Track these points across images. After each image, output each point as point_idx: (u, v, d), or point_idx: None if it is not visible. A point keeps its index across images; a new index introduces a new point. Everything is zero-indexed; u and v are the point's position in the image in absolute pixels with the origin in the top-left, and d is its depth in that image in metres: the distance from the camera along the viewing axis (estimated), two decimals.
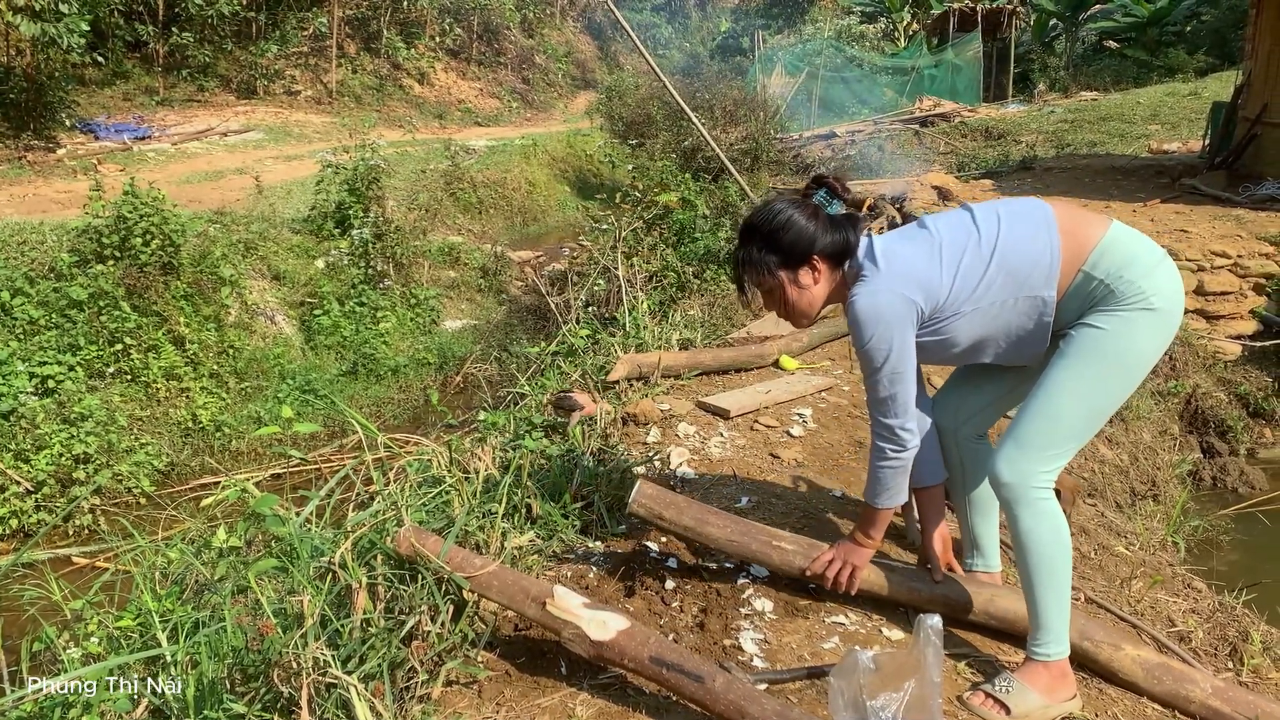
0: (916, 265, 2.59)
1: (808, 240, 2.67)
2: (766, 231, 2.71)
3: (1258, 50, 11.80)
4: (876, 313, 2.55)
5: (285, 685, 2.46)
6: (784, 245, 2.69)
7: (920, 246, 2.62)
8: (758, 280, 2.75)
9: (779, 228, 2.68)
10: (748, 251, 2.75)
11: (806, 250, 2.67)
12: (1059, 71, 26.52)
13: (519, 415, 4.96)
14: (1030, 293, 2.54)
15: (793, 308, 2.77)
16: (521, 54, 34.49)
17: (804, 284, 2.72)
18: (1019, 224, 2.59)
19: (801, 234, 2.67)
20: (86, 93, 19.36)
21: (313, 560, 3.05)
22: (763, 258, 2.71)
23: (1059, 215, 2.58)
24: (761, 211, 2.75)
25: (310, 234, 12.91)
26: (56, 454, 7.93)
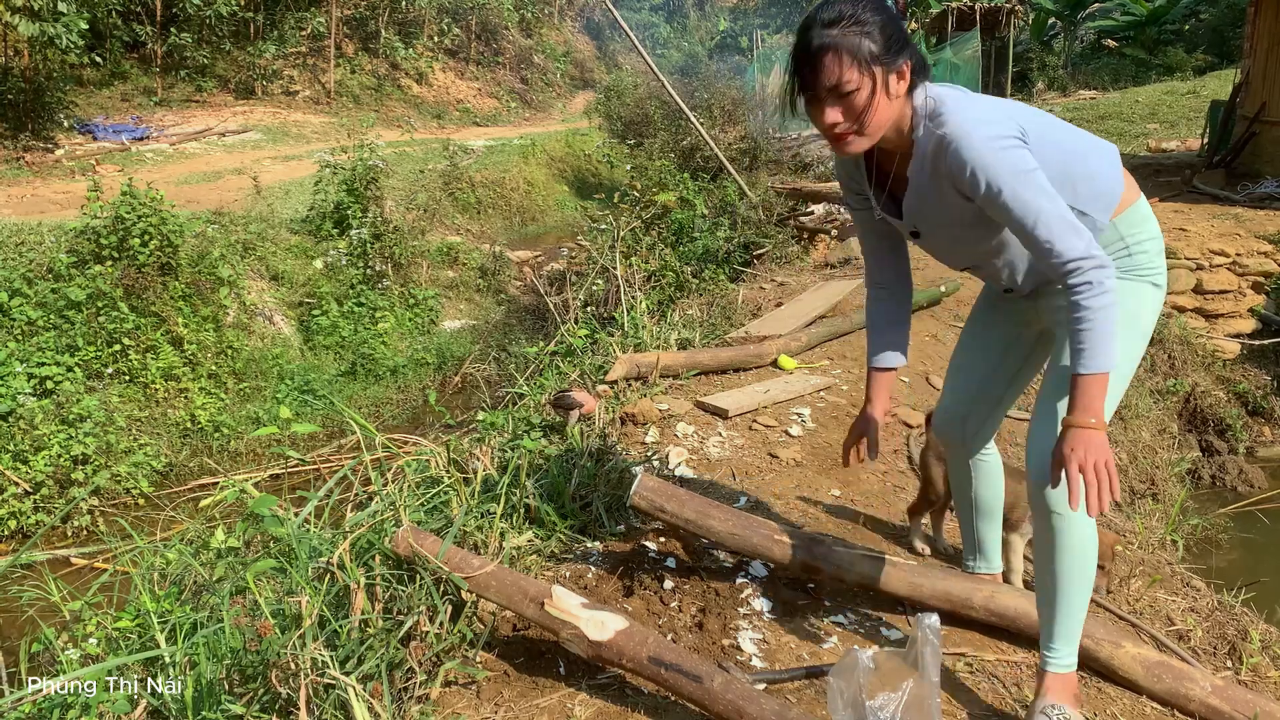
0: (998, 109, 2.22)
1: (905, 36, 2.13)
2: (873, 6, 2.08)
3: (1256, 49, 11.80)
4: (991, 134, 2.10)
5: (284, 686, 2.46)
6: (889, 33, 2.09)
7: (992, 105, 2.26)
8: (845, 74, 2.07)
9: (882, 7, 2.10)
10: (845, 30, 2.06)
11: (902, 47, 2.12)
12: (1058, 70, 26.51)
13: (517, 415, 4.96)
14: (1084, 208, 2.29)
15: (869, 119, 2.13)
16: (520, 54, 34.50)
17: (893, 92, 2.14)
18: (1095, 145, 2.39)
19: (900, 26, 2.11)
20: (84, 93, 19.36)
21: (311, 561, 3.05)
22: (862, 42, 2.06)
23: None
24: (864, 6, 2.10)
25: (308, 234, 12.91)
26: (55, 455, 7.92)
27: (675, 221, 10.41)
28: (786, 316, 6.73)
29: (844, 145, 2.16)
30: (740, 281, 9.03)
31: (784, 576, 3.22)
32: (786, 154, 18.22)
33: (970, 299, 7.38)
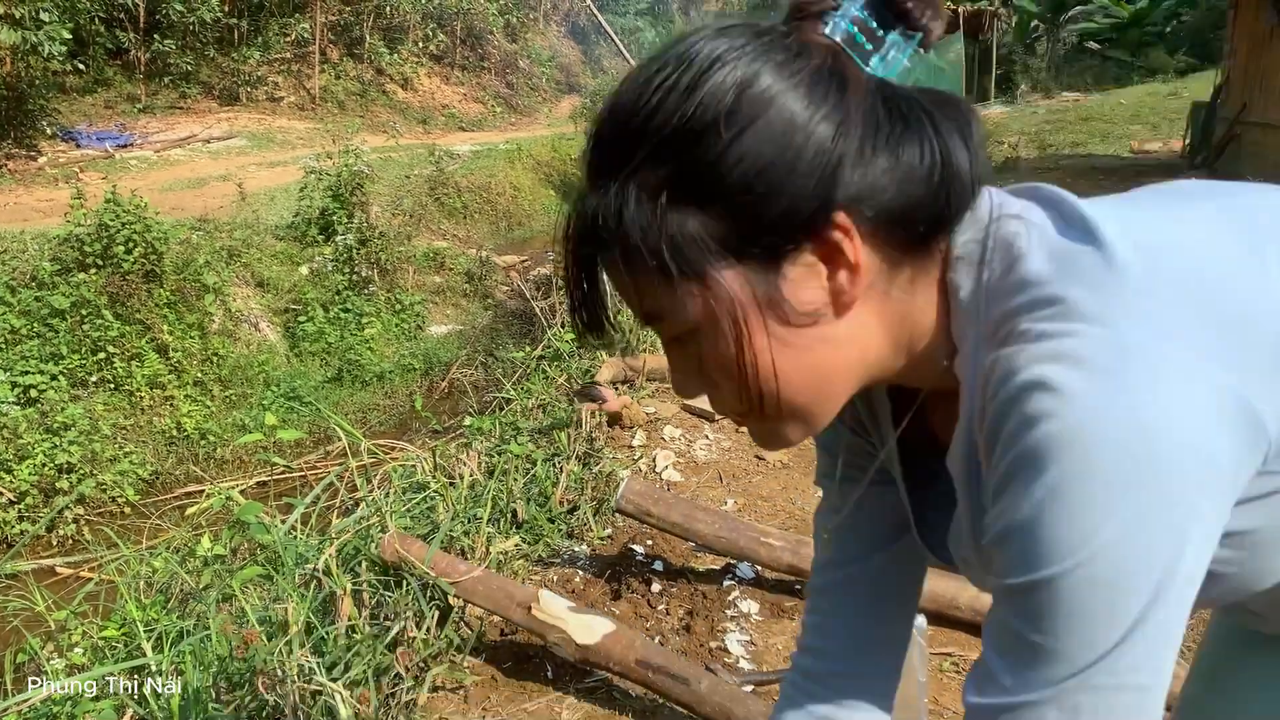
0: (1234, 278, 0.71)
1: (820, 151, 0.70)
2: (672, 133, 0.71)
3: (1236, 50, 11.90)
4: (1143, 449, 0.62)
5: (271, 693, 2.46)
6: (734, 167, 0.69)
7: (1203, 224, 0.76)
8: (645, 294, 0.75)
9: (725, 98, 0.69)
10: (604, 208, 0.73)
11: (814, 187, 0.70)
12: (1041, 73, 26.67)
13: (504, 420, 4.95)
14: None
15: (753, 379, 0.75)
16: (505, 59, 34.47)
17: (798, 299, 0.73)
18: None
19: (799, 128, 0.69)
20: (68, 100, 19.25)
21: (298, 568, 3.05)
22: (658, 219, 0.71)
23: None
24: (665, 58, 0.73)
25: (294, 240, 12.87)
26: (39, 464, 7.88)
27: None
28: None
29: (758, 440, 0.85)
30: None
31: (771, 578, 3.23)
32: None
33: None
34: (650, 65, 0.74)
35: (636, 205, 0.72)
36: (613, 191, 0.73)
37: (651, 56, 0.76)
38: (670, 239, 0.71)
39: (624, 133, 0.73)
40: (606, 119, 0.76)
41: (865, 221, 0.71)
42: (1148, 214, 0.76)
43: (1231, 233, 0.73)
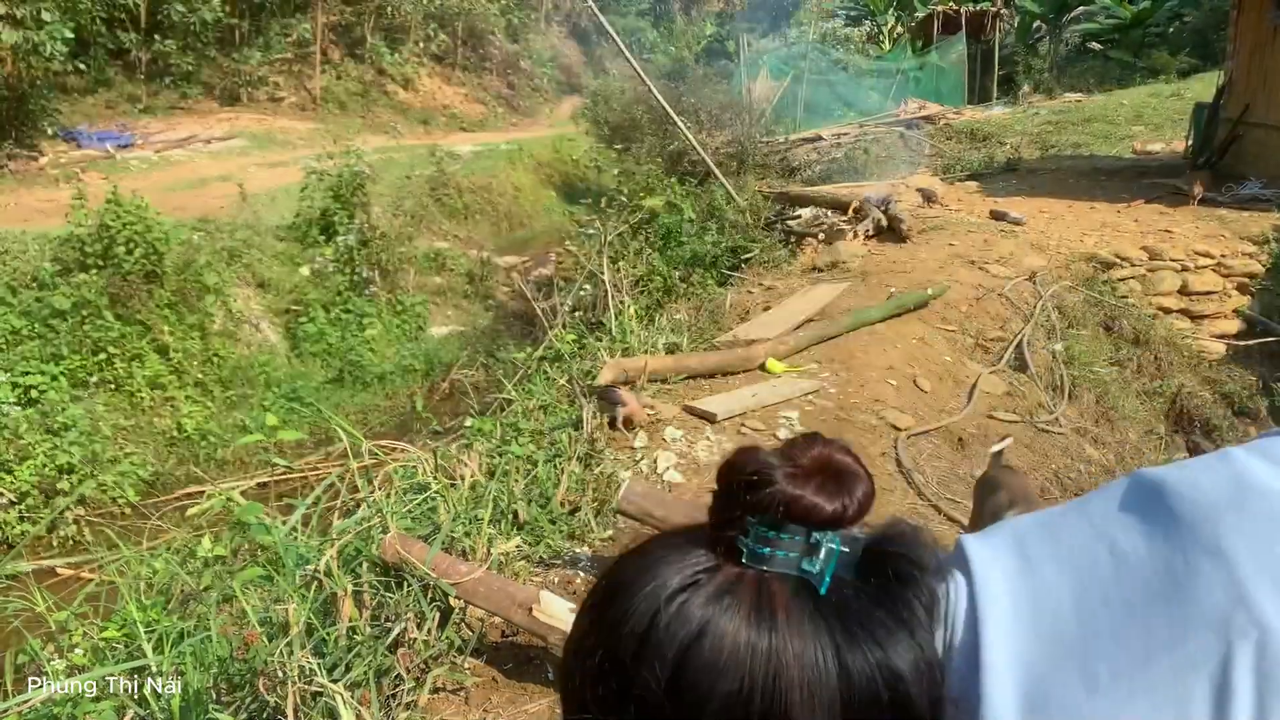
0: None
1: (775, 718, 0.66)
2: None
3: (1239, 51, 11.87)
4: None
5: (271, 694, 2.45)
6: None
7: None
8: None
9: (656, 701, 0.68)
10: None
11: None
12: (1043, 73, 26.63)
13: (506, 422, 4.94)
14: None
15: None
16: (506, 59, 34.48)
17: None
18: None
19: (740, 708, 0.66)
20: (69, 101, 19.26)
21: (298, 569, 3.04)
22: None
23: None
24: (592, 646, 0.73)
25: (295, 241, 12.87)
26: (40, 464, 7.87)
27: (663, 226, 10.41)
28: (774, 320, 6.73)
29: None
30: (728, 286, 9.03)
31: None
32: (774, 158, 18.25)
33: (959, 301, 7.41)
34: (582, 646, 0.73)
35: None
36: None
37: (584, 623, 0.74)
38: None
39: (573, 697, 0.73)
40: (562, 703, 0.76)
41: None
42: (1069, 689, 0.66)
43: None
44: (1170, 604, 0.64)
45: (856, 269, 8.41)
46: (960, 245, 8.85)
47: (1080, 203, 10.75)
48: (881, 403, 5.38)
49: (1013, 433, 5.82)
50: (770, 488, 0.70)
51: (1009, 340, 7.11)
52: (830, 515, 0.70)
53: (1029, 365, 6.77)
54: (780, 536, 0.69)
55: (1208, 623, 0.62)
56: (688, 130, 13.61)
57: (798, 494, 0.69)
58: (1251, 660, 0.60)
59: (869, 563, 0.71)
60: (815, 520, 0.69)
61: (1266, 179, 10.62)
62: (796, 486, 0.70)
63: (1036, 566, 0.71)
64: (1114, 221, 9.60)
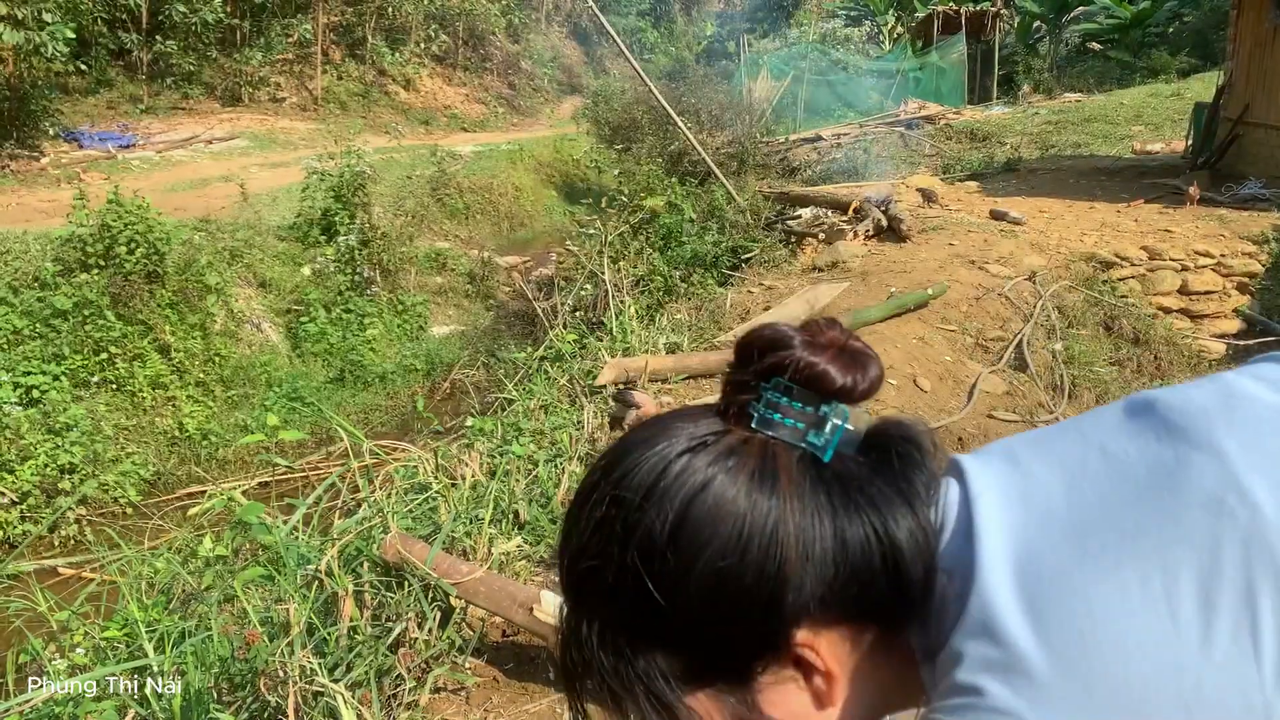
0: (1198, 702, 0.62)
1: (761, 578, 0.69)
2: (616, 582, 0.72)
3: (1239, 51, 11.88)
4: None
5: (272, 694, 2.46)
6: (681, 610, 0.70)
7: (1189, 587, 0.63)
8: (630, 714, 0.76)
9: (659, 546, 0.70)
10: (579, 649, 0.76)
11: (764, 616, 0.70)
12: (1043, 73, 26.63)
13: (507, 421, 4.95)
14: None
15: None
16: (507, 59, 34.50)
17: (775, 712, 0.74)
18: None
19: (737, 560, 0.69)
20: (70, 101, 19.28)
21: (299, 568, 3.05)
22: (624, 663, 0.73)
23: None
24: (599, 497, 0.74)
25: (296, 241, 12.88)
26: (41, 464, 7.88)
27: (663, 226, 10.42)
28: (775, 320, 6.73)
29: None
30: (728, 285, 9.04)
31: None
32: (774, 158, 18.25)
33: (959, 301, 7.41)
34: (590, 497, 0.74)
35: (600, 648, 0.73)
36: (582, 633, 0.74)
37: (592, 478, 0.76)
38: (636, 678, 0.72)
39: (576, 578, 0.75)
40: (559, 557, 0.77)
41: (828, 622, 0.71)
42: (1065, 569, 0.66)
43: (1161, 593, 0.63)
44: (1162, 490, 0.66)
45: (856, 269, 8.41)
46: (960, 245, 8.85)
47: (1080, 202, 10.75)
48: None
49: (1013, 432, 5.82)
50: (787, 350, 0.73)
51: (1009, 340, 7.11)
52: (841, 387, 0.72)
53: (1029, 365, 6.78)
54: (791, 404, 0.72)
55: (1200, 503, 0.64)
56: (688, 130, 13.63)
57: (813, 360, 0.72)
58: (1241, 536, 0.62)
59: (872, 443, 0.75)
60: (826, 388, 0.72)
61: (1266, 179, 10.62)
62: (813, 354, 0.73)
63: (1027, 467, 0.74)
64: (1114, 221, 9.60)
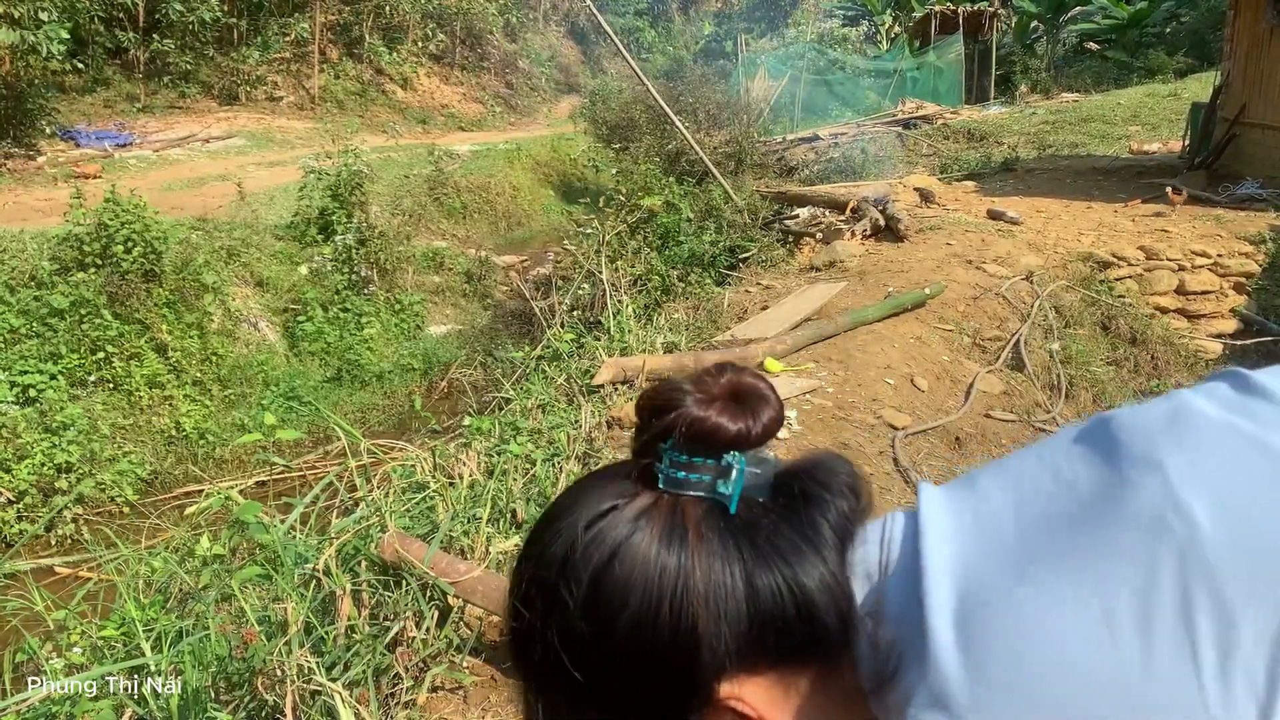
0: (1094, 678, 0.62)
1: (675, 637, 0.70)
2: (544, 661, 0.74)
3: (1236, 52, 11.90)
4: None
5: (270, 693, 2.46)
6: (604, 678, 0.73)
7: (1126, 607, 0.62)
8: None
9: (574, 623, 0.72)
10: (527, 705, 0.81)
11: (684, 676, 0.71)
12: (1040, 73, 26.66)
13: (504, 420, 4.95)
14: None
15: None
16: (505, 59, 34.49)
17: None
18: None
19: (649, 623, 0.70)
20: (67, 100, 19.25)
21: (297, 567, 3.04)
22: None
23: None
24: (524, 576, 0.76)
25: (293, 240, 12.87)
26: (38, 463, 7.88)
27: (661, 225, 10.43)
28: (772, 319, 6.74)
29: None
30: (726, 285, 9.04)
31: None
32: (772, 158, 18.26)
33: (955, 301, 7.42)
34: (518, 578, 0.76)
35: (545, 714, 0.77)
36: (529, 700, 0.79)
37: (520, 558, 0.77)
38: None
39: (516, 654, 0.78)
40: (507, 632, 0.79)
41: (751, 671, 0.71)
42: (1009, 604, 0.65)
43: (1104, 618, 0.62)
44: (1102, 510, 0.66)
45: (854, 268, 8.42)
46: (957, 245, 8.86)
47: (1077, 202, 10.77)
48: (879, 402, 5.39)
49: (1010, 432, 5.84)
50: (677, 411, 0.73)
51: (1006, 339, 7.12)
52: (735, 435, 0.72)
53: (1026, 364, 6.79)
54: (693, 460, 0.72)
55: (1138, 522, 0.63)
56: (686, 130, 13.63)
57: (702, 415, 0.72)
58: (1178, 551, 0.61)
59: (780, 485, 0.75)
60: (720, 440, 0.72)
61: (1263, 179, 10.64)
62: (701, 409, 0.72)
63: (983, 492, 0.73)
64: (1111, 221, 9.61)
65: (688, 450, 0.73)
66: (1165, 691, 0.60)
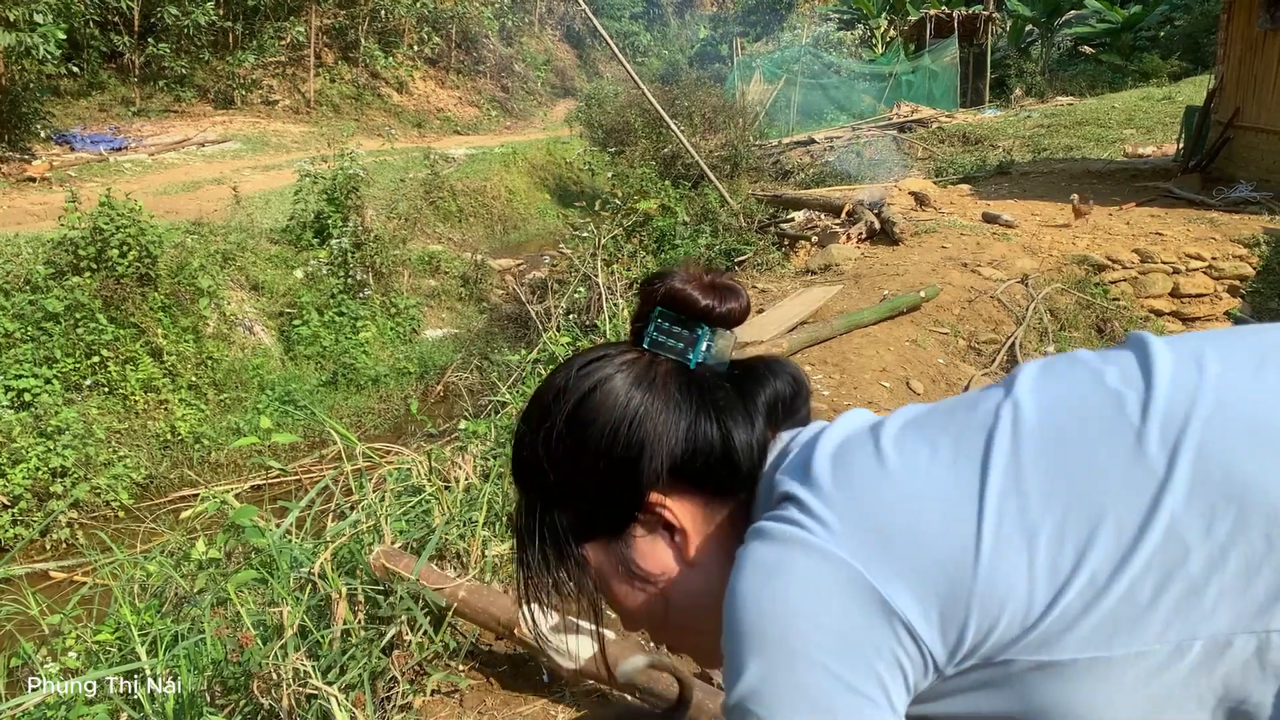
0: (923, 508, 0.82)
1: (627, 449, 0.94)
2: (530, 464, 1.00)
3: (1229, 55, 11.93)
4: (771, 614, 0.82)
5: (266, 697, 2.46)
6: (572, 475, 0.97)
7: (946, 445, 0.86)
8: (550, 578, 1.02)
9: (558, 429, 0.97)
10: (517, 514, 1.05)
11: (627, 479, 0.95)
12: (1035, 77, 26.70)
13: (500, 424, 4.95)
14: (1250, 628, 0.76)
15: (660, 626, 1.04)
16: (500, 62, 34.50)
17: (646, 567, 0.99)
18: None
19: (611, 435, 0.95)
20: (62, 104, 19.24)
21: (293, 571, 3.04)
22: (536, 521, 1.01)
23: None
24: (530, 403, 1.02)
25: (289, 244, 12.86)
26: (33, 468, 7.86)
27: (657, 229, 10.44)
28: (768, 322, 6.75)
29: (669, 644, 1.08)
30: None
31: None
32: (767, 161, 18.29)
33: (950, 304, 7.43)
34: (527, 404, 1.01)
35: (527, 514, 0.99)
36: (519, 502, 1.01)
37: (534, 391, 1.02)
38: (546, 534, 0.98)
39: (513, 462, 1.01)
40: (512, 442, 1.04)
41: (680, 490, 0.95)
42: (895, 433, 0.89)
43: (965, 447, 0.84)
44: (963, 407, 0.89)
45: (849, 271, 8.43)
46: (953, 248, 8.88)
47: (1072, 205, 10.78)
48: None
49: None
50: (663, 282, 0.97)
51: (1001, 342, 7.13)
52: (704, 308, 0.96)
53: None
54: (672, 329, 0.96)
55: (980, 412, 0.87)
56: (681, 133, 13.65)
57: (681, 287, 0.96)
58: (1010, 417, 0.83)
59: (736, 364, 1.01)
60: (690, 309, 0.96)
61: (1257, 182, 10.67)
62: (681, 283, 0.96)
63: (890, 415, 0.94)
64: (1105, 224, 9.63)
65: (668, 318, 0.96)
66: (949, 512, 0.80)
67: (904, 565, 0.79)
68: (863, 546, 0.79)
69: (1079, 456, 0.79)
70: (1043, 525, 0.77)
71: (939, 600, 0.77)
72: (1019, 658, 0.77)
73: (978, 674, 0.80)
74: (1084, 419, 0.81)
